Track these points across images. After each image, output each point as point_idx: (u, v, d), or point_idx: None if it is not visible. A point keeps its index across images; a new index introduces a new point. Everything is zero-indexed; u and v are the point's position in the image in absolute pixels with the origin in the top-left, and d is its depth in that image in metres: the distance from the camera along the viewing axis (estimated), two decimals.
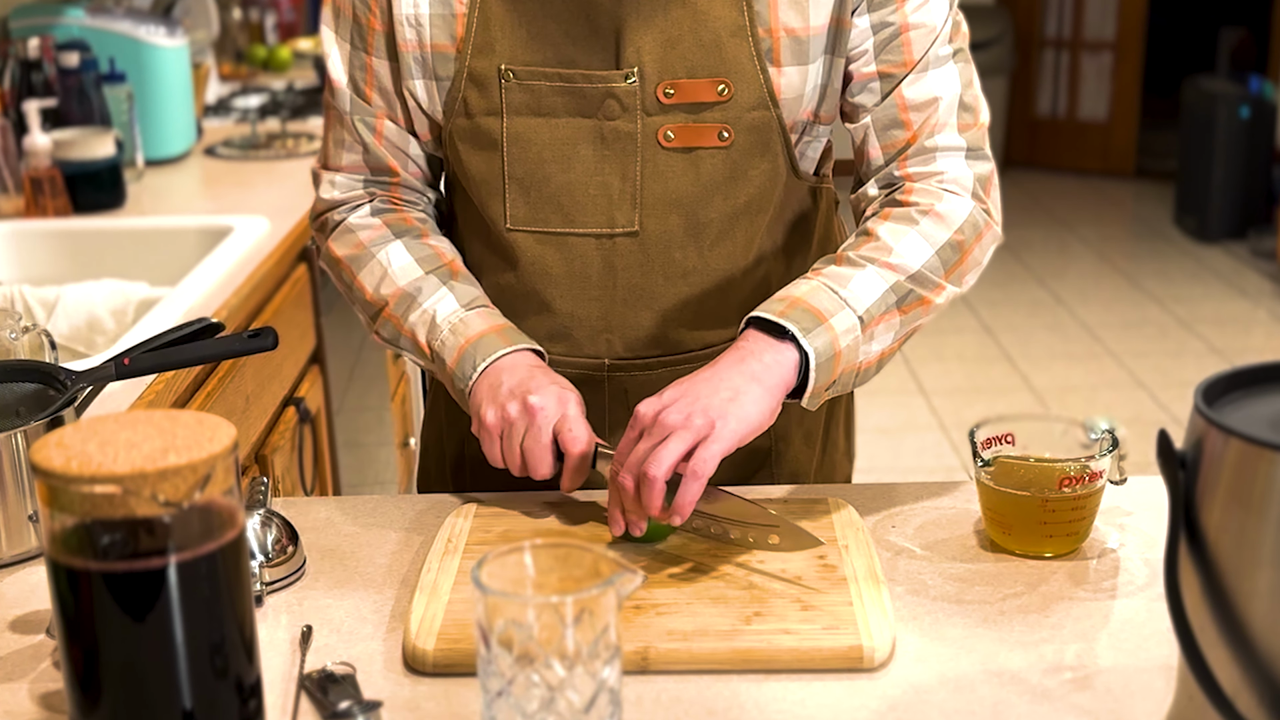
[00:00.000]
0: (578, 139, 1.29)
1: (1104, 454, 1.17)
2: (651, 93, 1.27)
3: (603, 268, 1.32)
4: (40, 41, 2.58)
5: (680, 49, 1.26)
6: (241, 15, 4.19)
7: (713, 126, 1.28)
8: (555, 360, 1.34)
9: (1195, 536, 0.84)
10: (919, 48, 1.28)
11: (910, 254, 1.25)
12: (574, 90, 1.28)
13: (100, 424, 0.89)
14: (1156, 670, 1.01)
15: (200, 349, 1.27)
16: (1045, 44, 7.53)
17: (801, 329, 1.18)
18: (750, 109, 1.28)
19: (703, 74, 1.26)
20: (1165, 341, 4.97)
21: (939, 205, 1.27)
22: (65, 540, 0.85)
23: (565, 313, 1.34)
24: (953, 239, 1.27)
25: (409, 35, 1.30)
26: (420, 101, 1.32)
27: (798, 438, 1.45)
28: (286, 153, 2.88)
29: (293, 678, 1.02)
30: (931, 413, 4.34)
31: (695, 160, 1.29)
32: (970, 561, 1.17)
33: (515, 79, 1.28)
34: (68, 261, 2.30)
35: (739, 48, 1.26)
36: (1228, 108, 5.96)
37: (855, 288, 1.22)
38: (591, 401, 1.35)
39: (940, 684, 1.00)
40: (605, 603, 0.85)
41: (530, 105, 1.29)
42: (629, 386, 1.36)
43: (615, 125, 1.28)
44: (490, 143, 1.30)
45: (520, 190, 1.31)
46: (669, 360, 1.36)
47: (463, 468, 1.46)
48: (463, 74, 1.29)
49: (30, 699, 1.00)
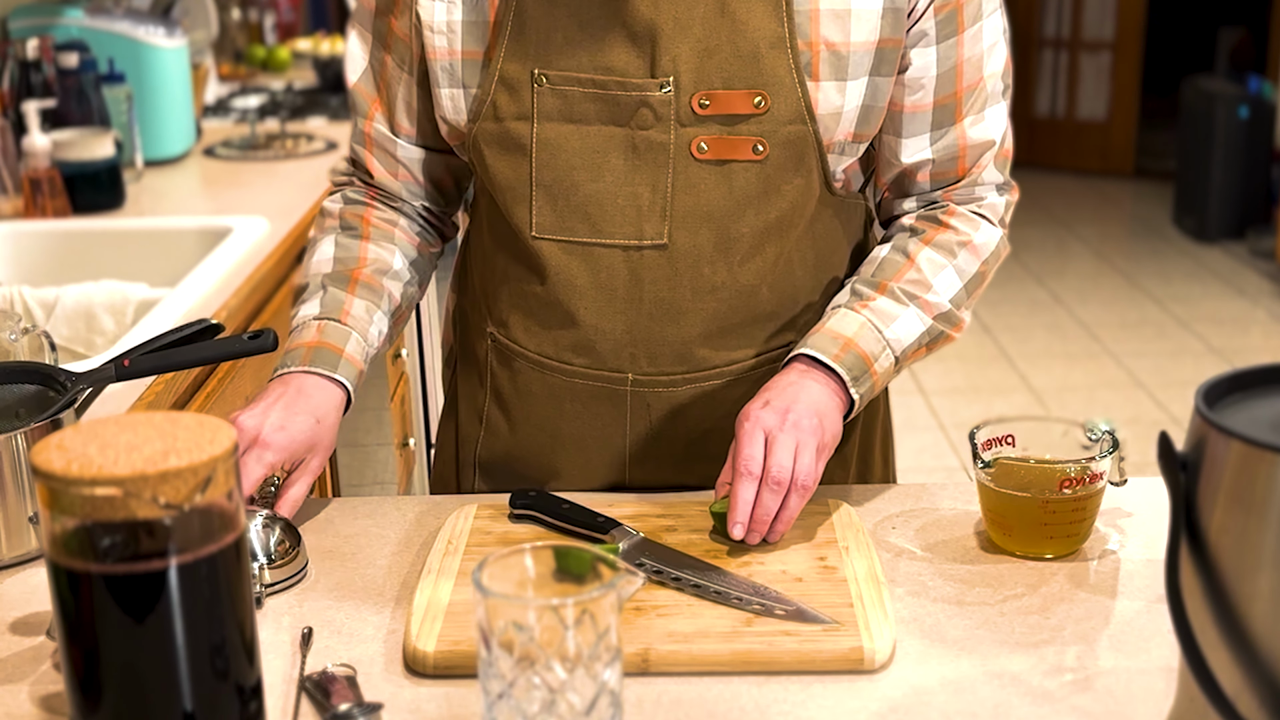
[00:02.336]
0: (609, 147, 1.27)
1: (1104, 455, 1.17)
2: (686, 103, 1.25)
3: (629, 280, 1.30)
4: (39, 42, 2.58)
5: (718, 59, 1.24)
6: (240, 15, 4.19)
7: (747, 139, 1.26)
8: (579, 373, 1.34)
9: (1196, 538, 0.84)
10: (978, 77, 1.30)
11: (944, 290, 1.31)
12: (607, 97, 1.26)
13: (101, 426, 0.88)
14: (1157, 672, 1.01)
15: (200, 350, 1.27)
16: (1044, 44, 7.53)
17: (852, 378, 1.24)
18: (786, 123, 1.26)
19: (739, 85, 1.24)
20: (1164, 341, 4.97)
21: (976, 237, 1.34)
22: (66, 542, 0.85)
23: (590, 325, 1.32)
24: (980, 270, 1.34)
25: (440, 43, 1.29)
26: (445, 110, 1.31)
27: (833, 460, 1.42)
28: (285, 153, 2.88)
29: (293, 679, 1.02)
30: (931, 413, 4.34)
31: (728, 173, 1.27)
32: (971, 563, 1.17)
33: (548, 83, 1.26)
34: (67, 262, 2.30)
35: (778, 60, 1.24)
36: (1227, 108, 5.97)
37: (897, 329, 1.28)
38: (613, 416, 1.35)
39: (941, 685, 1.00)
40: (606, 605, 0.85)
41: (562, 111, 1.27)
42: (652, 401, 1.34)
43: (648, 135, 1.26)
44: (518, 147, 1.29)
45: (547, 197, 1.29)
46: (694, 376, 1.34)
47: (479, 470, 1.45)
48: (493, 78, 1.27)
49: (31, 701, 1.00)
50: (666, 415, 1.35)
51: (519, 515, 1.24)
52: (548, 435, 1.38)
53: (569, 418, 1.36)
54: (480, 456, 1.44)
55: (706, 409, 1.35)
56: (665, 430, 1.35)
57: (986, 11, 1.29)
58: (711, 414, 1.35)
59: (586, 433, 1.36)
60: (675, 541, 1.19)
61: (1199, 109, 6.13)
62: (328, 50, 3.83)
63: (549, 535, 1.22)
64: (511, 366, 1.38)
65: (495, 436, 1.42)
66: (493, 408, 1.41)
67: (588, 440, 1.36)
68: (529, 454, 1.40)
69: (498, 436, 1.41)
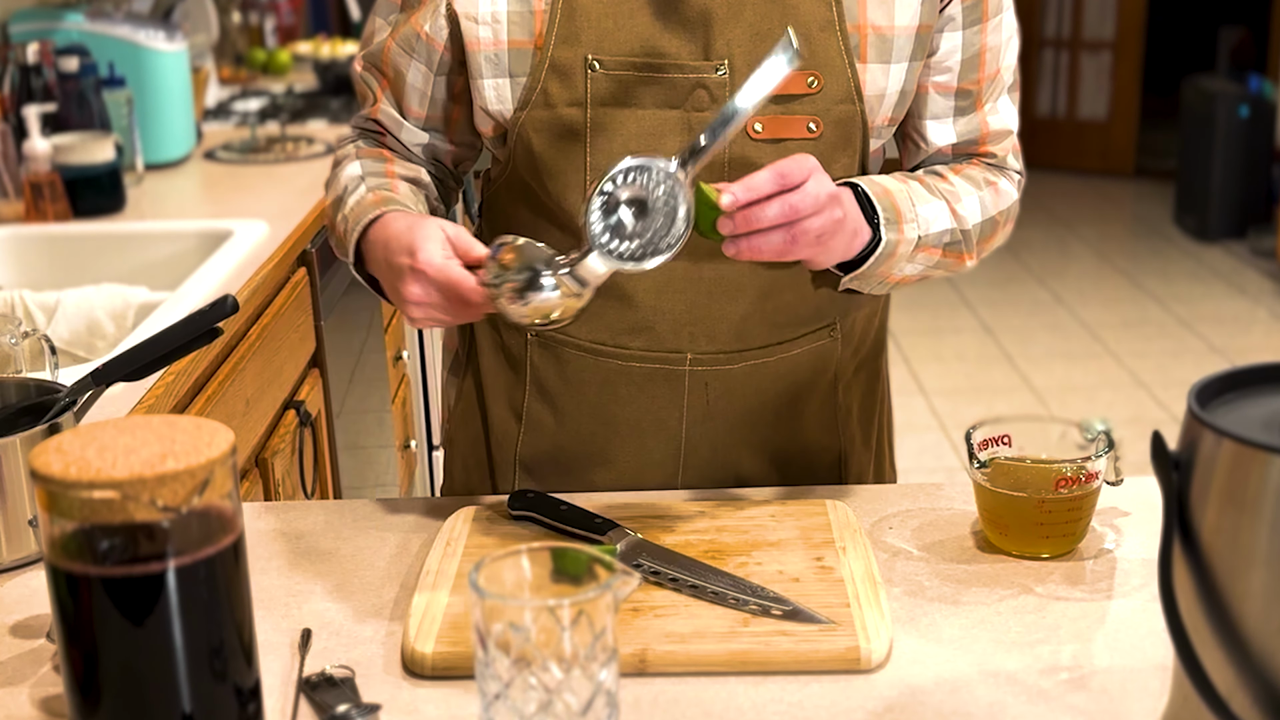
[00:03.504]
0: (664, 130, 1.29)
1: (1100, 455, 1.17)
2: (741, 84, 1.27)
3: (688, 259, 1.29)
4: (40, 46, 2.58)
5: (770, 42, 1.27)
6: (241, 19, 4.20)
7: (801, 119, 1.29)
8: (635, 356, 1.35)
9: (1189, 537, 0.84)
10: (995, 66, 1.35)
11: (970, 213, 1.34)
12: (663, 81, 1.28)
13: (99, 430, 0.89)
14: (1152, 671, 1.01)
15: (167, 337, 1.23)
16: (1044, 43, 7.54)
17: (885, 219, 1.26)
18: (838, 102, 1.29)
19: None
20: (1165, 341, 4.97)
21: (1000, 184, 1.38)
22: (65, 545, 0.86)
23: (649, 306, 1.33)
24: (996, 216, 1.38)
25: (484, 34, 1.30)
26: (488, 100, 1.31)
27: (859, 439, 1.47)
28: (286, 156, 2.88)
29: (292, 681, 1.02)
30: (931, 413, 4.34)
31: (783, 151, 1.28)
32: (967, 563, 1.18)
33: (602, 69, 1.28)
34: (67, 266, 2.30)
35: (828, 42, 1.28)
36: (1227, 107, 5.97)
37: (927, 212, 1.31)
38: (670, 397, 1.37)
39: (937, 685, 1.00)
40: (602, 605, 0.85)
41: (616, 96, 1.28)
42: (709, 380, 1.36)
43: (704, 116, 1.28)
44: (571, 134, 1.30)
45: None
46: (750, 354, 1.36)
47: (520, 468, 1.45)
48: (544, 65, 1.28)
49: (30, 703, 1.00)
50: (723, 393, 1.37)
51: (517, 516, 1.25)
52: (600, 423, 1.39)
53: (624, 402, 1.37)
54: (522, 454, 1.44)
55: (762, 385, 1.38)
56: (722, 409, 1.37)
57: (1006, 5, 1.36)
58: (767, 391, 1.38)
59: (642, 416, 1.37)
60: (673, 543, 1.19)
61: (1200, 108, 6.13)
62: (328, 53, 3.83)
63: (547, 536, 1.22)
64: (558, 357, 1.38)
65: (539, 432, 1.42)
66: (535, 402, 1.41)
67: (644, 424, 1.38)
68: (579, 445, 1.40)
69: (542, 432, 1.42)
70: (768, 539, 1.20)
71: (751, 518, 1.24)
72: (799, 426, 1.42)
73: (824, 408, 1.43)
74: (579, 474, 1.41)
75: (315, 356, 2.36)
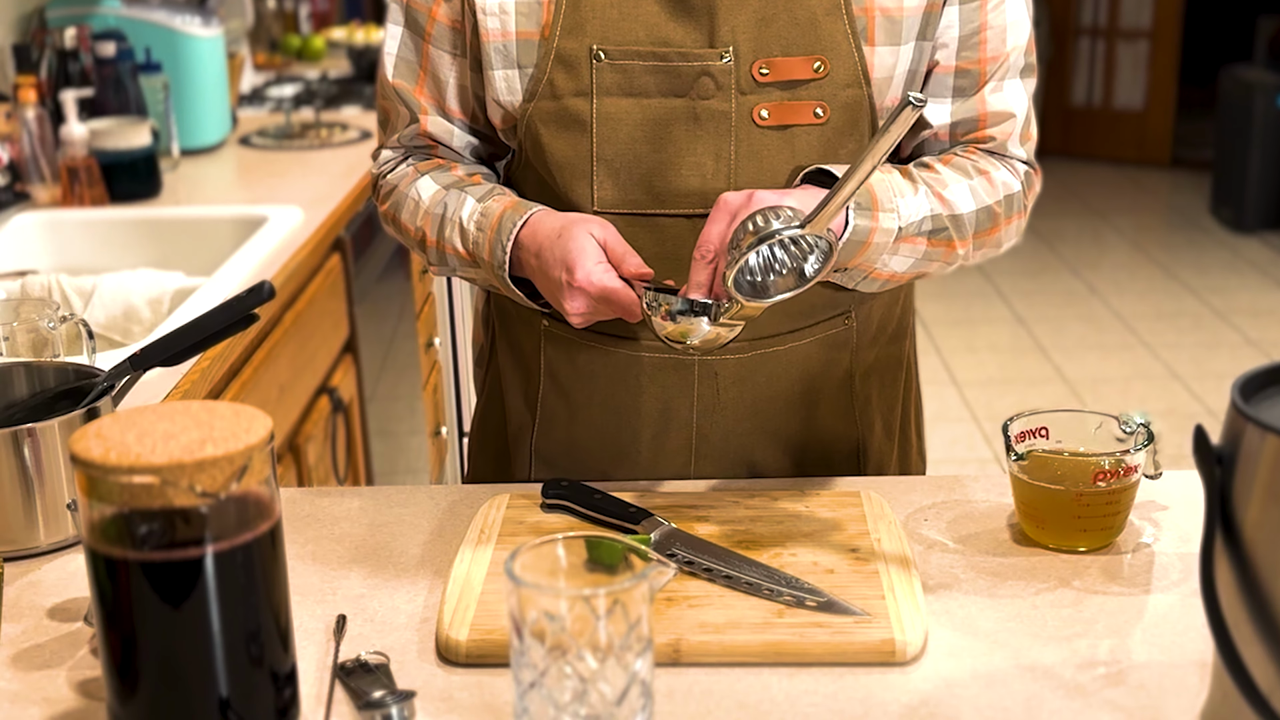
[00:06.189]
0: (670, 119, 1.29)
1: (1139, 448, 1.16)
2: (746, 71, 1.27)
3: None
4: (77, 31, 2.60)
5: (775, 27, 1.27)
6: (276, 4, 4.21)
7: (808, 104, 1.28)
8: (645, 346, 1.35)
9: (1231, 533, 0.83)
10: (1001, 50, 1.32)
11: (958, 199, 1.30)
12: (668, 70, 1.28)
13: (138, 415, 0.89)
14: (1191, 666, 1.00)
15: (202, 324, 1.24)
16: (1081, 32, 7.48)
17: (857, 204, 1.22)
18: (845, 86, 1.28)
19: (798, 51, 1.27)
20: (1200, 333, 4.93)
21: (995, 174, 1.34)
22: (104, 529, 0.86)
23: None
24: (993, 207, 1.33)
25: (492, 25, 1.30)
26: (499, 92, 1.32)
27: (879, 428, 1.46)
28: (320, 142, 2.89)
29: (327, 667, 1.02)
30: (964, 404, 4.33)
31: (790, 138, 1.29)
32: (1003, 555, 1.17)
33: (607, 59, 1.28)
34: (104, 251, 2.32)
35: (834, 25, 1.27)
36: (1264, 97, 5.91)
37: (906, 203, 1.27)
38: (681, 387, 1.36)
39: (972, 678, 1.00)
40: (637, 595, 0.85)
41: (622, 85, 1.29)
42: (719, 370, 1.36)
43: (709, 104, 1.28)
44: (577, 124, 1.30)
45: (609, 172, 1.31)
46: (759, 342, 1.35)
47: (536, 459, 1.45)
48: (549, 56, 1.29)
49: (68, 686, 1.01)
50: (733, 382, 1.36)
51: (551, 505, 1.25)
52: (612, 414, 1.39)
53: (635, 393, 1.37)
54: (537, 446, 1.44)
55: (774, 374, 1.37)
56: (732, 398, 1.37)
57: None
58: (780, 379, 1.37)
59: (654, 406, 1.37)
60: (707, 533, 1.19)
61: (1236, 98, 6.07)
62: (362, 39, 3.84)
63: (581, 525, 1.22)
64: (570, 351, 1.39)
65: (553, 424, 1.42)
66: (549, 395, 1.42)
67: (655, 414, 1.38)
68: (593, 437, 1.40)
69: (556, 424, 1.42)
70: (802, 529, 1.19)
71: (785, 508, 1.23)
72: (814, 415, 1.41)
73: (840, 396, 1.42)
74: (594, 465, 1.41)
75: (348, 342, 2.37)
